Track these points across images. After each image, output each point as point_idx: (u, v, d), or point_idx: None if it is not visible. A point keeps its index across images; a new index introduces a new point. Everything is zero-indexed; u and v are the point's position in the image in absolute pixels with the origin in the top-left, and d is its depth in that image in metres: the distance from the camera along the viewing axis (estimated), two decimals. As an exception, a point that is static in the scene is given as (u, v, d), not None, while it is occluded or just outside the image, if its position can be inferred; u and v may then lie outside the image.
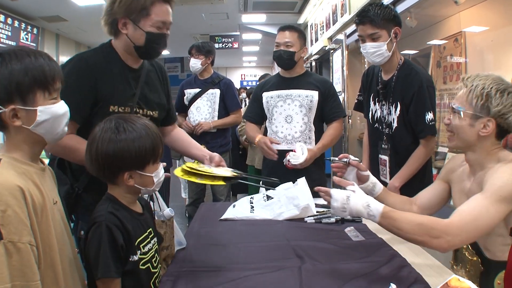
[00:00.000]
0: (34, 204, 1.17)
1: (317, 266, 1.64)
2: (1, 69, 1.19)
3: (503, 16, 2.88)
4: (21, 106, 1.20)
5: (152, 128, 1.44)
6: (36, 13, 7.53)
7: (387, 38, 2.21)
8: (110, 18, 1.82)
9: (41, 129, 1.24)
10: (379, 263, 1.64)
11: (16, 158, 1.22)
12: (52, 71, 1.26)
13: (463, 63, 3.25)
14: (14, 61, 1.20)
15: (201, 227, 2.23)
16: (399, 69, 2.28)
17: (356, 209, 1.50)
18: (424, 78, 2.22)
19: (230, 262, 1.72)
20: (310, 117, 2.88)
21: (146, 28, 1.81)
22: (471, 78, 1.56)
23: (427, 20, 3.89)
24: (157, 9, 1.81)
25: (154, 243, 1.52)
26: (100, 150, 1.36)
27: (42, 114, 1.23)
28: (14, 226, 1.08)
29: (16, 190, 1.12)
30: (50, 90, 1.25)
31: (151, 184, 1.45)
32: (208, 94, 3.93)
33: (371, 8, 2.21)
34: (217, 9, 7.99)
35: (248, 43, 11.78)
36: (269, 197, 2.47)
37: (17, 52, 1.23)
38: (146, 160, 1.41)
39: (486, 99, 1.49)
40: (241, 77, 17.93)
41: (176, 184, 5.22)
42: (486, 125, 1.52)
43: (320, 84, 2.89)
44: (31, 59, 1.22)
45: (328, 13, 6.37)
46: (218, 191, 4.04)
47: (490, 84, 1.50)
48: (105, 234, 1.30)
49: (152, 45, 1.85)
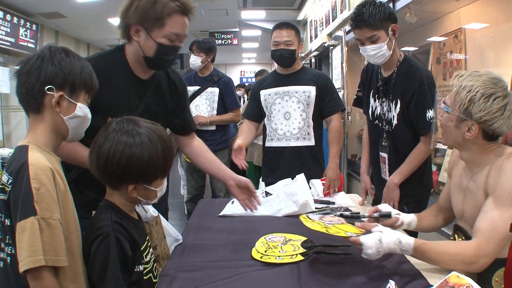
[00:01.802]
0: (59, 187, 1.22)
1: (315, 263, 1.64)
2: (66, 59, 1.31)
3: (503, 13, 2.87)
4: (68, 96, 1.30)
5: (167, 142, 1.39)
6: (35, 9, 7.50)
7: (386, 37, 2.16)
8: (123, 23, 1.73)
9: (73, 123, 1.33)
10: (379, 259, 1.63)
11: (41, 146, 1.27)
12: (94, 79, 1.40)
13: (463, 59, 3.25)
14: (76, 58, 1.34)
15: (200, 223, 2.23)
16: (399, 66, 2.26)
17: (389, 248, 1.49)
18: (425, 75, 2.19)
19: (228, 258, 1.72)
20: (309, 112, 2.87)
21: (158, 39, 1.71)
22: (463, 77, 1.52)
23: (427, 17, 3.87)
24: (173, 21, 1.71)
25: (152, 251, 1.48)
26: (111, 158, 1.30)
27: (79, 110, 1.33)
28: (47, 203, 1.14)
29: (48, 171, 1.18)
30: (89, 94, 1.39)
31: (153, 198, 1.41)
32: (207, 93, 3.92)
33: (365, 10, 2.14)
34: (216, 6, 7.97)
35: (248, 39, 11.77)
36: (268, 193, 2.47)
37: (75, 54, 1.37)
38: (155, 177, 1.37)
39: (469, 104, 1.46)
40: (241, 74, 17.92)
41: (175, 180, 5.23)
42: (470, 129, 1.49)
43: (317, 79, 2.89)
44: (85, 64, 1.37)
45: (327, 9, 6.36)
46: (217, 188, 4.04)
47: (477, 88, 1.46)
48: (114, 245, 1.24)
49: (161, 57, 1.76)
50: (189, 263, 1.67)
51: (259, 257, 1.68)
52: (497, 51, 2.98)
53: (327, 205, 2.47)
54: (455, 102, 1.51)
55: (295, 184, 2.45)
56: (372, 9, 2.12)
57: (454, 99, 1.51)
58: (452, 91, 1.54)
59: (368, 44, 2.19)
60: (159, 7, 1.66)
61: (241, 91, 9.39)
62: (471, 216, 1.57)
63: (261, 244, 1.80)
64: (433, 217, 1.88)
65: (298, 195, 2.32)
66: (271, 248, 1.76)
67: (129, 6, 1.69)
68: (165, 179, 1.42)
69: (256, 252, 1.72)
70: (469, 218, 1.60)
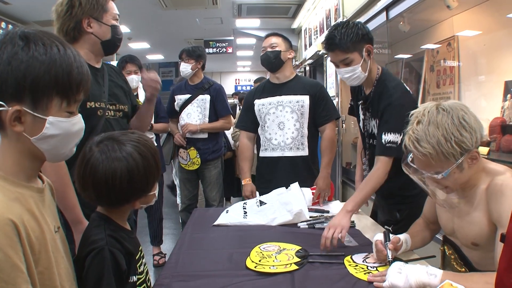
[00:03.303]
0: (30, 240, 0.92)
1: (309, 272, 1.63)
2: (20, 53, 0.92)
3: (495, 21, 2.89)
4: (29, 109, 0.94)
5: (149, 142, 1.33)
6: (30, 17, 7.51)
7: (360, 59, 2.11)
8: (71, 23, 1.87)
9: (45, 144, 0.99)
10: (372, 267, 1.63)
11: (8, 177, 0.96)
12: (80, 76, 1.01)
13: (456, 67, 3.26)
14: (39, 49, 0.94)
15: (194, 232, 2.21)
16: (376, 85, 2.20)
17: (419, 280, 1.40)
18: (395, 96, 2.07)
19: (222, 268, 1.71)
20: (303, 122, 2.86)
21: (110, 22, 1.95)
22: (421, 147, 1.40)
23: (420, 25, 3.89)
24: (109, 5, 1.95)
25: (145, 262, 1.44)
26: (113, 182, 1.22)
27: (51, 127, 0.97)
28: (6, 273, 0.85)
29: (8, 225, 0.87)
30: (70, 100, 1.00)
31: (151, 200, 1.40)
32: (198, 100, 3.90)
33: (336, 33, 2.09)
34: (211, 14, 8.00)
35: (242, 47, 11.79)
36: (262, 202, 2.46)
37: (46, 37, 0.97)
38: (152, 183, 1.34)
39: (459, 143, 1.37)
40: (236, 82, 17.93)
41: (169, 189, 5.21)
42: (472, 157, 1.42)
43: (310, 88, 2.88)
44: (59, 52, 0.96)
45: (321, 17, 6.39)
46: (211, 197, 4.02)
47: (442, 135, 1.38)
48: (108, 260, 1.19)
49: (116, 36, 1.99)
50: (184, 273, 1.66)
51: (253, 267, 1.67)
52: (490, 58, 3.00)
53: (322, 214, 2.46)
54: (445, 159, 1.40)
55: (290, 193, 2.44)
56: (344, 31, 2.07)
57: (441, 159, 1.41)
58: (429, 156, 1.41)
59: (342, 67, 2.14)
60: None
61: (237, 99, 9.40)
62: (466, 238, 1.53)
63: (256, 254, 1.79)
64: (422, 232, 1.84)
65: (293, 204, 2.31)
66: (265, 257, 1.75)
67: (71, 7, 1.85)
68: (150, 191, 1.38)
69: (251, 262, 1.71)
70: (463, 239, 1.56)
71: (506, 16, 2.64)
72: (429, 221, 1.84)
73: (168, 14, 7.69)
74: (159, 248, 4.25)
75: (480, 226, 1.46)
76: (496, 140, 2.55)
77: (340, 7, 5.36)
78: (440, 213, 1.70)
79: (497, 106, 2.66)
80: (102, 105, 1.91)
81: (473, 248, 1.53)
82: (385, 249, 1.65)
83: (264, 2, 7.29)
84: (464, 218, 1.54)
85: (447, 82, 3.37)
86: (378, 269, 1.63)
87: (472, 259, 1.57)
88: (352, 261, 1.73)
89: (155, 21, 8.18)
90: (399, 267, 1.44)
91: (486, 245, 1.46)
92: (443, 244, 1.72)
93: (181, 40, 10.47)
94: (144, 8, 7.13)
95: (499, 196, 1.39)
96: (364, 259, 1.75)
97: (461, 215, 1.55)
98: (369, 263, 1.70)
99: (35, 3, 6.64)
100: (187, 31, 9.48)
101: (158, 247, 4.25)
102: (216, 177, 3.97)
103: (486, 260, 1.48)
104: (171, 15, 7.77)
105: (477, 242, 1.49)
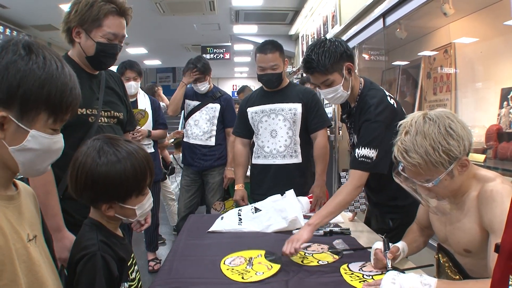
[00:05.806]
0: None
1: (304, 280, 1.62)
2: (19, 62, 0.92)
3: (492, 28, 2.89)
4: (15, 118, 0.93)
5: (139, 155, 1.31)
6: (28, 21, 7.51)
7: (341, 78, 2.07)
8: (66, 26, 1.86)
9: (21, 156, 0.97)
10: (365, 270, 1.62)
11: None
12: (71, 97, 1.01)
13: (453, 74, 3.26)
14: (38, 61, 0.95)
15: (189, 238, 2.20)
16: (357, 100, 2.17)
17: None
18: (374, 113, 2.03)
19: (217, 274, 1.70)
20: (295, 130, 2.86)
21: (97, 39, 1.83)
22: (409, 158, 1.41)
23: (417, 32, 3.90)
24: (109, 22, 1.83)
25: (137, 269, 1.43)
26: (79, 179, 1.26)
27: (32, 140, 0.96)
28: None
29: None
30: (57, 118, 1.00)
31: (132, 216, 1.34)
32: (208, 108, 3.88)
33: (313, 55, 2.05)
34: (208, 20, 8.01)
35: (240, 53, 11.80)
36: (257, 209, 2.45)
37: (48, 52, 0.98)
38: (128, 195, 1.30)
39: (446, 152, 1.37)
40: (233, 88, 17.91)
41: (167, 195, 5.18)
42: (462, 165, 1.42)
43: (303, 96, 2.88)
44: (57, 69, 0.97)
45: (319, 24, 6.41)
46: (212, 203, 3.98)
47: (430, 145, 1.38)
48: (100, 266, 1.19)
49: (101, 54, 1.86)
50: (177, 279, 1.64)
51: (240, 279, 1.64)
52: (486, 65, 3.00)
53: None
54: (435, 167, 1.40)
55: (285, 200, 2.43)
56: (321, 53, 2.03)
57: (430, 168, 1.41)
58: (418, 166, 1.41)
59: (323, 88, 2.11)
60: (95, 9, 1.79)
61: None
62: (458, 245, 1.53)
63: (230, 272, 1.71)
64: (417, 238, 1.83)
65: (288, 211, 2.30)
66: (241, 273, 1.70)
67: (71, 10, 1.82)
68: (144, 196, 1.37)
69: (237, 275, 1.67)
70: (455, 246, 1.56)
71: (502, 24, 2.63)
72: (423, 226, 1.83)
73: (166, 19, 7.69)
74: (154, 254, 4.23)
75: (471, 232, 1.46)
76: (492, 148, 2.55)
77: (337, 14, 5.37)
78: (433, 219, 1.69)
79: (493, 113, 2.65)
80: (94, 112, 1.87)
81: (465, 255, 1.52)
82: (385, 258, 1.64)
83: (262, 8, 7.29)
84: (456, 224, 1.53)
85: (444, 89, 3.37)
86: (374, 277, 1.62)
87: (466, 266, 1.56)
88: (348, 270, 1.72)
89: (153, 27, 8.18)
90: (393, 277, 1.43)
91: (478, 252, 1.45)
92: (438, 252, 1.71)
93: (179, 45, 10.48)
94: (142, 13, 7.13)
95: (490, 202, 1.39)
96: (361, 268, 1.73)
97: (453, 222, 1.55)
98: (365, 272, 1.69)
99: (33, 7, 6.66)
100: (185, 36, 9.49)
101: (154, 253, 4.23)
102: (219, 184, 3.96)
103: (479, 267, 1.48)
104: (168, 20, 7.77)
105: (469, 249, 1.48)
